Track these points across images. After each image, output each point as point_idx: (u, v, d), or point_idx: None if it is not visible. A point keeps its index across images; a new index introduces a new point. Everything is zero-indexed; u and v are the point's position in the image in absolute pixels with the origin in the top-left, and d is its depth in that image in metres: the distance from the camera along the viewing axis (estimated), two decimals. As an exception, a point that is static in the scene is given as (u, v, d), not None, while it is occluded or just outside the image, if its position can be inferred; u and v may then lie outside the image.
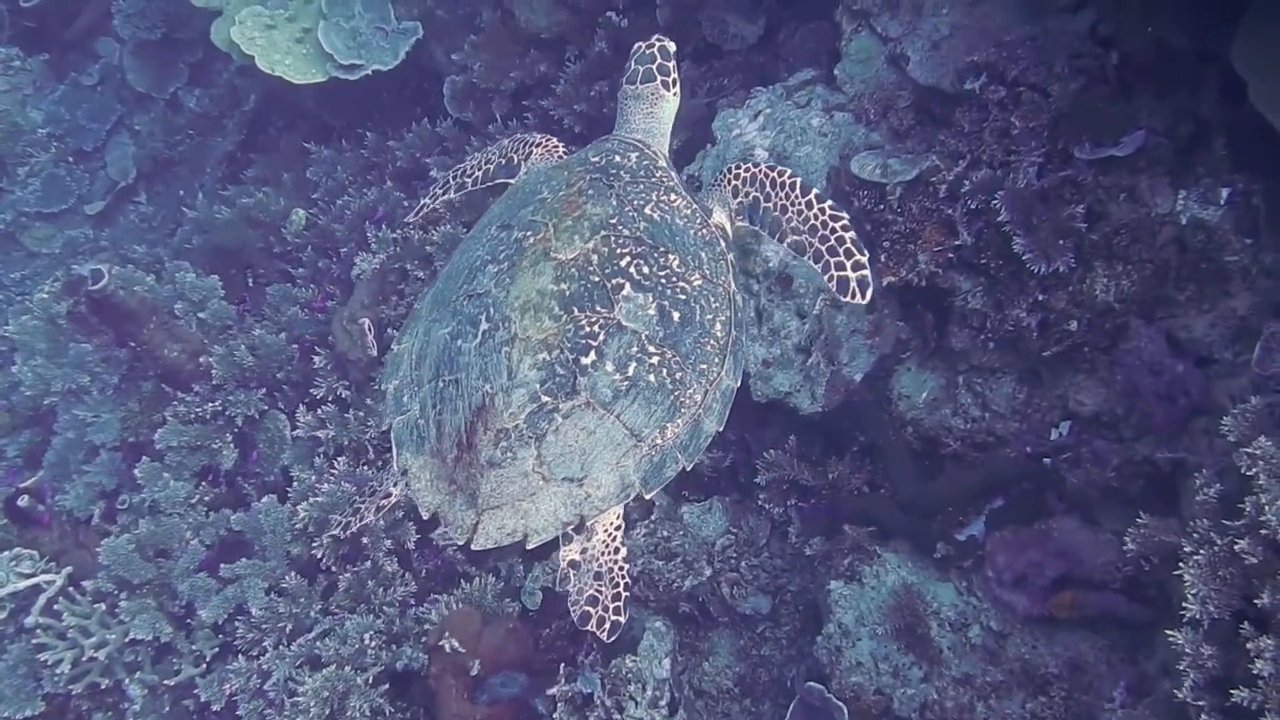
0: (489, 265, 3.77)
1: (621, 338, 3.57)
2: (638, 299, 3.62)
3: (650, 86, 4.31)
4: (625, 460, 3.57)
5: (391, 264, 6.92)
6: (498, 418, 3.50)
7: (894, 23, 5.62)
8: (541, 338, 3.54)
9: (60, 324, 7.29)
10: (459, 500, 3.59)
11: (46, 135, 10.19)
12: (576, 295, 3.59)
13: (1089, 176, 4.89)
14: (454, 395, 3.63)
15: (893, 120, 5.57)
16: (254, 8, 7.95)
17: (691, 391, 3.66)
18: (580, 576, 3.69)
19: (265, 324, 7.19)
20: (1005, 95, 5.08)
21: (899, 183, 5.16)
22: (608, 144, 4.21)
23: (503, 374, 3.52)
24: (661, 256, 3.73)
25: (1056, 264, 4.79)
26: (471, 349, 3.63)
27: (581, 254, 3.66)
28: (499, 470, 3.50)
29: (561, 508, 3.54)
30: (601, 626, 3.64)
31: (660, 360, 3.60)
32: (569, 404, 3.51)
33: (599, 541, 3.73)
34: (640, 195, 3.87)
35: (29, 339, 7.26)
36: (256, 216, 7.92)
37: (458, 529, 3.58)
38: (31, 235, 9.96)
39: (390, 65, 7.60)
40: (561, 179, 3.98)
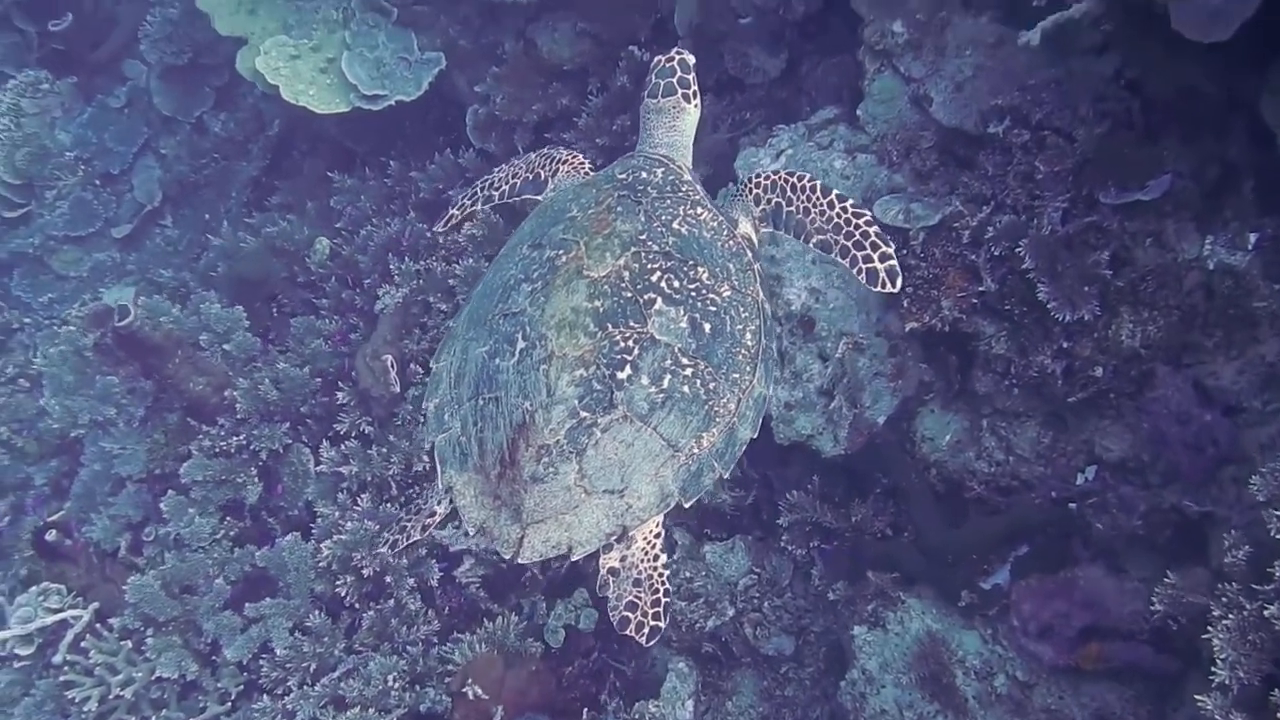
0: (523, 284, 3.84)
1: (655, 351, 3.64)
2: (669, 312, 3.69)
3: (671, 100, 4.38)
4: (664, 470, 3.64)
5: (414, 297, 6.93)
6: (539, 434, 3.57)
7: (917, 63, 5.59)
8: (578, 354, 3.61)
9: (87, 356, 7.33)
10: (504, 515, 3.67)
11: (74, 158, 10.23)
12: (610, 311, 3.66)
13: (1114, 222, 4.86)
14: (494, 413, 3.71)
15: (915, 161, 5.54)
16: (279, 38, 7.98)
17: (725, 400, 3.74)
18: (620, 583, 3.75)
19: (289, 356, 7.21)
20: (1029, 139, 5.05)
21: (922, 228, 5.13)
22: (633, 160, 4.27)
23: (542, 391, 3.60)
24: (691, 270, 3.80)
25: (1081, 312, 4.75)
26: (510, 367, 3.70)
27: (613, 270, 3.73)
28: (542, 485, 3.58)
29: (604, 519, 3.62)
30: (641, 631, 3.69)
31: (694, 371, 3.68)
32: (607, 418, 3.58)
33: (638, 549, 3.78)
34: (668, 210, 3.94)
35: (56, 371, 7.30)
36: (281, 245, 7.93)
37: (503, 544, 3.65)
38: (59, 258, 10.02)
39: (413, 96, 7.60)
40: (590, 197, 4.04)
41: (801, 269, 5.46)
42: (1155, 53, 4.55)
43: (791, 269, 5.45)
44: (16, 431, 8.29)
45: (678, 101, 4.38)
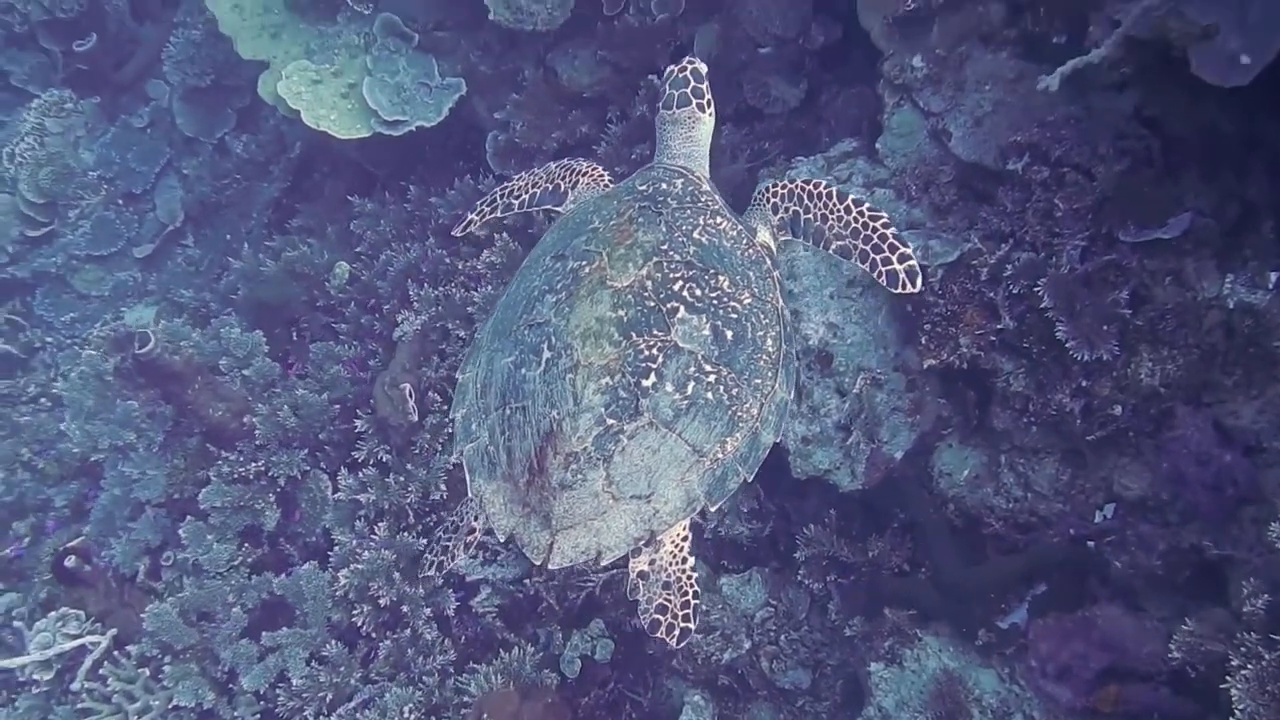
0: (547, 295, 3.90)
1: (679, 359, 3.69)
2: (692, 320, 3.74)
3: (686, 110, 4.45)
4: (689, 475, 3.70)
5: (433, 324, 6.95)
6: (566, 442, 3.62)
7: (936, 98, 5.58)
8: (603, 363, 3.66)
9: (108, 380, 7.37)
10: (533, 522, 3.72)
11: (97, 178, 10.32)
12: (634, 320, 3.71)
13: (1133, 260, 4.83)
14: (522, 422, 3.75)
15: (934, 196, 5.53)
16: (301, 62, 8.01)
17: (748, 406, 3.78)
18: (649, 586, 3.82)
19: (308, 382, 7.24)
20: (1048, 175, 5.03)
21: (940, 265, 5.12)
22: (653, 172, 4.34)
23: (568, 400, 3.65)
24: (712, 278, 3.85)
25: (1100, 351, 4.73)
26: (536, 377, 3.75)
27: (636, 280, 3.79)
28: (570, 492, 3.63)
29: (632, 524, 3.67)
30: (671, 633, 3.75)
31: (717, 378, 3.72)
32: (633, 425, 3.63)
33: (666, 552, 3.85)
34: (688, 220, 3.99)
35: (77, 395, 7.35)
36: (301, 270, 7.97)
37: (534, 550, 3.71)
38: (81, 277, 10.10)
39: (434, 122, 7.62)
40: (611, 208, 4.11)
41: (820, 304, 5.45)
42: (1175, 94, 4.53)
43: (810, 303, 5.44)
44: (38, 453, 8.36)
45: (693, 111, 4.45)
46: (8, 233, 10.12)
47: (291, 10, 8.42)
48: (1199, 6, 4.05)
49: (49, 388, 9.15)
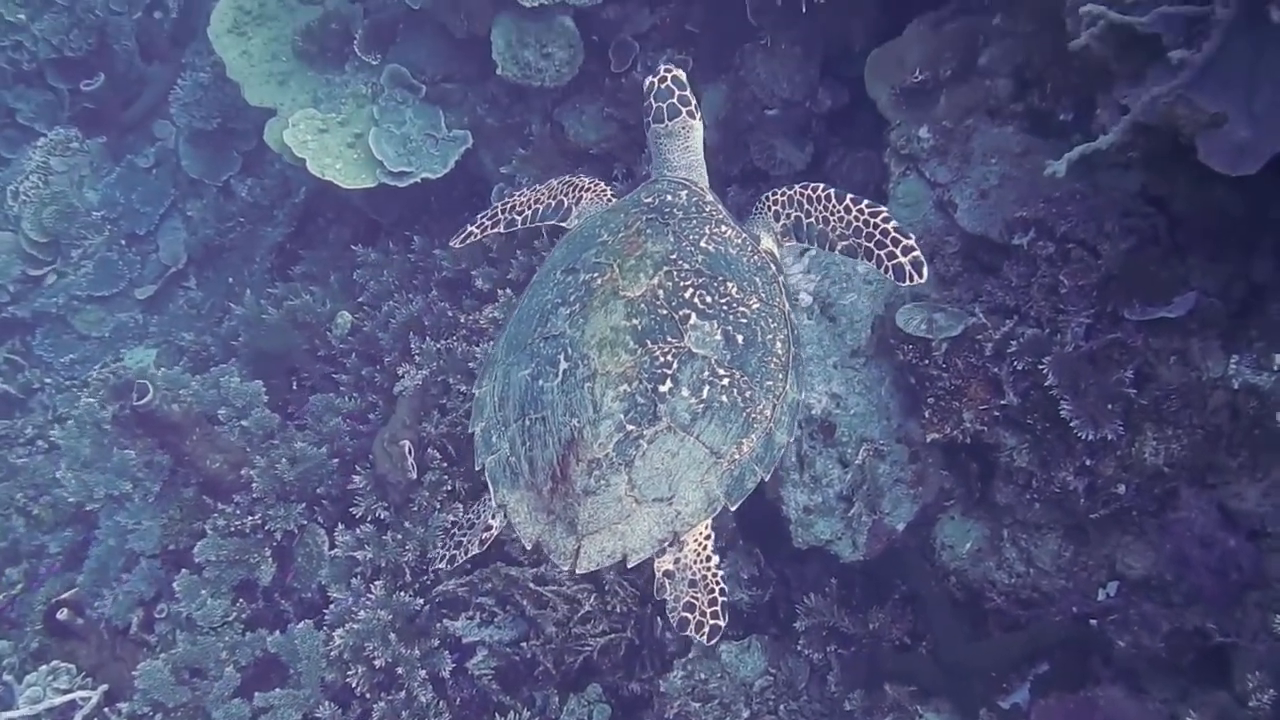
0: (560, 308, 3.99)
1: (693, 364, 3.78)
2: (704, 327, 3.84)
3: (678, 121, 4.47)
4: (708, 477, 3.78)
5: (434, 378, 6.92)
6: (588, 449, 3.71)
7: (942, 169, 5.58)
8: (620, 371, 3.76)
9: (105, 428, 7.34)
10: (559, 529, 3.81)
11: (100, 218, 10.33)
12: (648, 329, 3.81)
13: (1138, 338, 4.82)
14: (542, 432, 3.84)
15: (939, 266, 5.52)
16: (307, 110, 8.03)
17: (761, 407, 3.88)
18: (676, 585, 3.87)
19: (307, 433, 7.21)
20: (1054, 251, 5.03)
21: (945, 338, 5.10)
22: (657, 185, 4.44)
23: (588, 408, 3.74)
24: (720, 285, 3.95)
25: (1105, 431, 4.71)
26: (554, 387, 3.84)
27: (648, 290, 3.89)
28: (595, 498, 3.72)
29: (655, 526, 3.76)
30: (701, 630, 3.79)
31: (730, 381, 3.82)
32: (652, 430, 3.72)
33: (690, 551, 3.90)
34: (694, 230, 4.10)
35: (74, 444, 7.31)
36: (303, 318, 7.95)
37: (561, 555, 3.80)
38: (82, 318, 10.09)
39: (439, 174, 7.62)
40: (619, 221, 4.21)
41: (823, 373, 5.43)
42: (1182, 176, 4.52)
43: (813, 372, 5.42)
44: (33, 498, 8.31)
45: (684, 120, 4.49)
46: (9, 271, 10.13)
47: (299, 58, 8.45)
48: (1208, 95, 4.04)
49: (46, 430, 9.13)
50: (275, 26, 8.69)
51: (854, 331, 5.43)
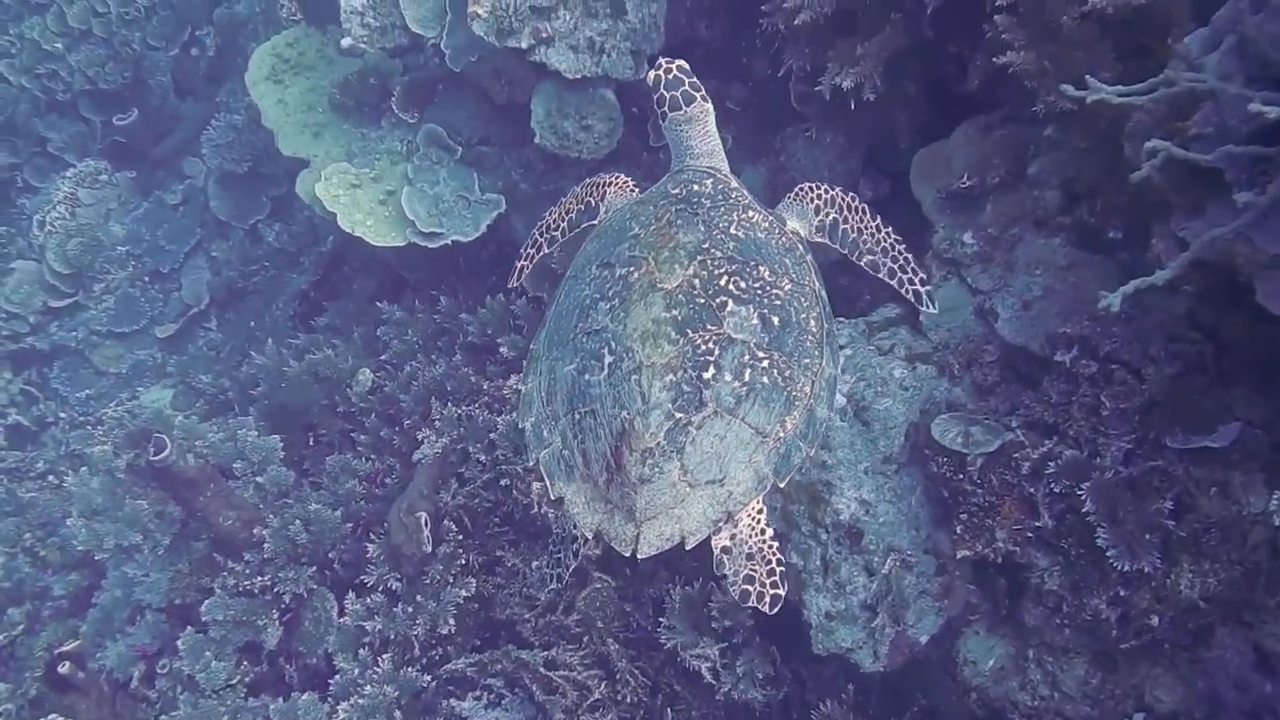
0: (600, 303, 4.13)
1: (734, 349, 3.94)
2: (741, 312, 4.00)
3: (695, 106, 4.67)
4: (756, 456, 3.94)
5: (454, 446, 6.84)
6: (640, 439, 3.85)
7: (984, 276, 5.50)
8: (664, 361, 3.91)
9: (119, 477, 7.25)
10: (617, 517, 3.94)
11: (125, 253, 10.31)
12: (688, 318, 3.97)
13: (1180, 468, 4.70)
14: (593, 424, 3.98)
15: (977, 374, 5.43)
16: (341, 165, 8.00)
17: (801, 385, 4.05)
18: (734, 560, 4.07)
19: (322, 494, 7.12)
20: (1096, 371, 4.92)
21: (980, 453, 5.00)
22: (683, 175, 4.60)
23: (636, 400, 3.89)
24: (753, 270, 4.12)
25: (1142, 563, 4.59)
26: (601, 381, 3.98)
27: (684, 280, 4.05)
28: (650, 485, 3.86)
29: (709, 508, 3.92)
30: (762, 600, 4.03)
31: (770, 362, 3.98)
32: (700, 416, 3.87)
33: (745, 527, 4.10)
34: (724, 217, 4.28)
35: (86, 492, 7.22)
36: (324, 373, 7.88)
37: (621, 542, 3.93)
38: (101, 353, 10.05)
39: (470, 237, 7.56)
40: (649, 214, 4.36)
41: (853, 478, 5.33)
42: (1236, 315, 4.43)
43: (843, 476, 5.32)
44: (40, 539, 8.22)
45: (699, 104, 4.68)
46: (31, 302, 10.07)
47: (335, 110, 8.44)
48: (1269, 235, 3.95)
49: (57, 465, 9.06)
50: (313, 77, 8.70)
51: (887, 438, 5.33)
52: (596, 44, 6.95)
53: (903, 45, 5.62)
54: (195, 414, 9.22)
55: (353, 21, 7.58)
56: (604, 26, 6.96)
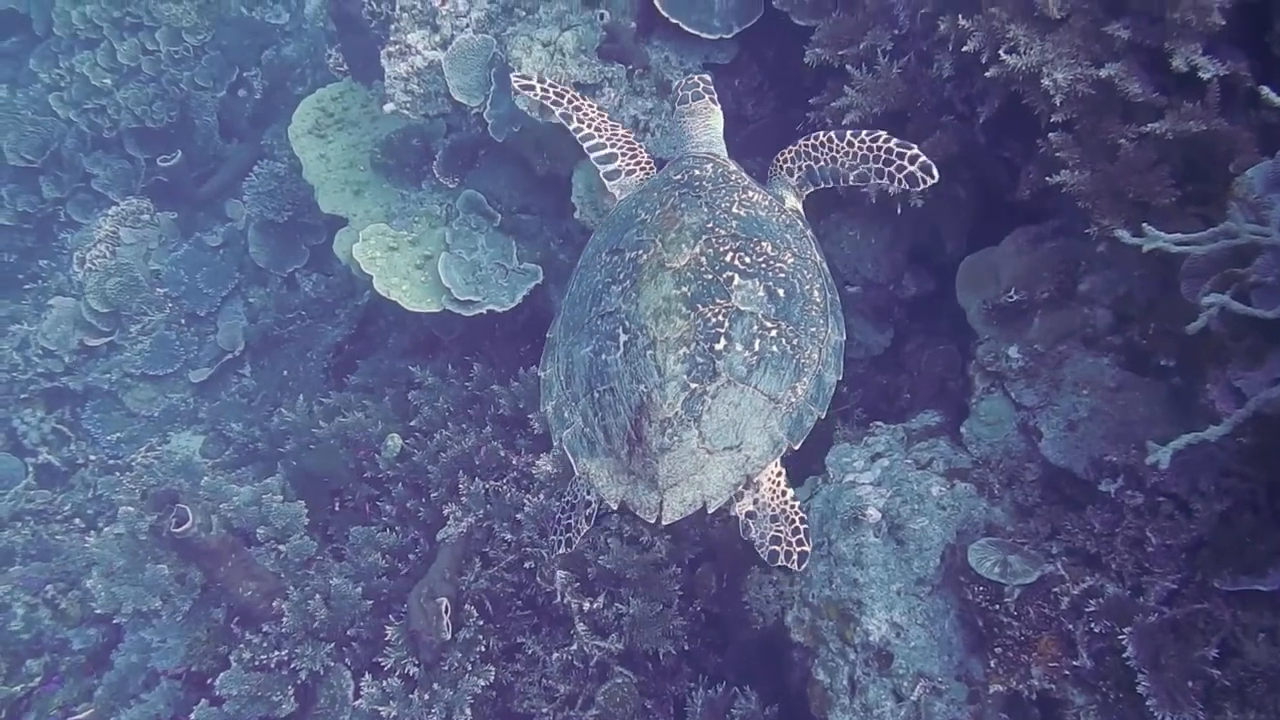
0: (612, 286, 4.38)
1: (742, 321, 4.16)
2: (747, 285, 4.23)
3: (701, 103, 5.16)
4: (770, 421, 4.20)
5: (480, 523, 6.72)
6: (659, 411, 4.09)
7: (1029, 391, 5.32)
8: (678, 336, 4.13)
9: (141, 539, 7.17)
10: (640, 486, 4.20)
11: (163, 295, 10.27)
12: (697, 294, 4.20)
13: (1226, 611, 4.51)
14: (612, 401, 4.21)
15: (1018, 494, 5.25)
16: (379, 226, 7.91)
17: (809, 352, 4.30)
18: (759, 523, 4.33)
19: (344, 565, 7.01)
20: (1143, 503, 4.75)
21: (1019, 584, 4.82)
22: (684, 162, 4.90)
23: (653, 374, 4.12)
24: (756, 245, 4.35)
25: (1184, 714, 4.40)
26: (617, 359, 4.21)
27: (691, 259, 4.29)
28: (671, 454, 4.11)
29: (729, 473, 4.17)
30: (790, 559, 4.38)
31: (778, 332, 4.21)
32: (714, 385, 4.11)
33: (766, 490, 4.36)
34: (725, 198, 4.53)
35: (109, 554, 7.14)
36: (353, 436, 7.79)
37: (646, 510, 4.18)
38: (134, 396, 10.01)
39: (506, 307, 7.44)
40: (653, 199, 4.64)
41: (885, 599, 5.15)
42: None
43: (874, 596, 5.14)
44: (62, 591, 8.16)
45: (707, 104, 5.14)
46: (68, 341, 10.06)
47: (376, 170, 8.39)
48: (1331, 394, 3.79)
49: (84, 508, 9.02)
50: (356, 134, 8.65)
51: (922, 559, 5.16)
52: (641, 122, 6.84)
53: (954, 150, 5.47)
54: (224, 462, 9.22)
55: (396, 87, 7.50)
56: (649, 105, 6.86)
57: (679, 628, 6.05)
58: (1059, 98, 4.74)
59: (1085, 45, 4.78)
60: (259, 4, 11.81)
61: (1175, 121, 4.49)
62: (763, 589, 5.61)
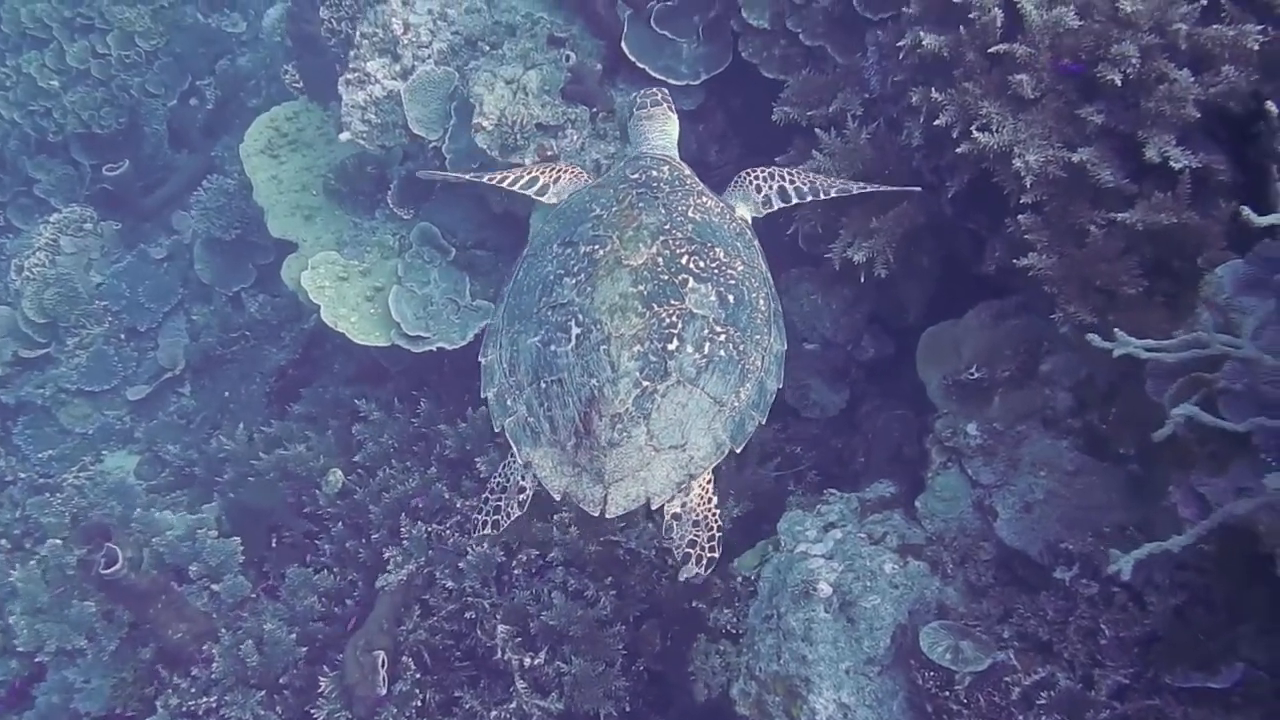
0: (565, 278, 4.39)
1: (695, 323, 4.23)
2: (700, 289, 4.30)
3: (659, 109, 5.27)
4: (714, 424, 4.25)
5: (421, 570, 6.55)
6: (610, 405, 4.13)
7: (986, 469, 5.26)
8: (633, 333, 4.18)
9: (69, 574, 6.93)
10: (585, 479, 4.22)
11: (103, 308, 9.98)
12: (653, 293, 4.25)
13: (1178, 710, 4.45)
14: (560, 393, 4.23)
15: (970, 573, 5.19)
16: (329, 254, 7.71)
17: (753, 359, 4.36)
18: (682, 526, 4.31)
19: (279, 607, 6.81)
20: (1097, 593, 4.70)
21: (970, 671, 4.74)
22: (641, 162, 4.96)
23: (605, 368, 4.16)
24: (709, 250, 4.43)
25: (1131, 814, 4.34)
26: (568, 352, 4.23)
27: (649, 258, 4.34)
28: (619, 449, 4.15)
29: (673, 471, 4.21)
30: (700, 563, 4.34)
31: (726, 337, 4.27)
32: (664, 384, 4.16)
33: (695, 495, 4.34)
34: (681, 201, 4.60)
35: (32, 589, 6.89)
36: (294, 470, 7.58)
37: (590, 503, 4.22)
38: (68, 412, 9.69)
39: (456, 345, 7.27)
40: (609, 196, 4.68)
41: (834, 678, 5.04)
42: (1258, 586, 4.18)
43: (823, 674, 5.04)
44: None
45: (664, 110, 5.26)
46: (1, 352, 9.74)
47: (329, 195, 8.21)
48: (1297, 510, 3.73)
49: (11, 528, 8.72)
50: (310, 156, 8.47)
51: (872, 638, 5.05)
52: (603, 166, 6.71)
53: (920, 221, 5.40)
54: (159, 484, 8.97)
55: (353, 116, 7.32)
56: (611, 149, 6.74)
57: (621, 688, 5.93)
58: (1029, 179, 4.67)
59: (1058, 127, 4.73)
60: (216, 11, 11.53)
61: (1146, 212, 4.44)
62: (709, 659, 5.52)
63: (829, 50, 5.97)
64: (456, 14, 7.34)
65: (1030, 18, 4.69)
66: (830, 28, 5.84)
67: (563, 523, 6.35)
